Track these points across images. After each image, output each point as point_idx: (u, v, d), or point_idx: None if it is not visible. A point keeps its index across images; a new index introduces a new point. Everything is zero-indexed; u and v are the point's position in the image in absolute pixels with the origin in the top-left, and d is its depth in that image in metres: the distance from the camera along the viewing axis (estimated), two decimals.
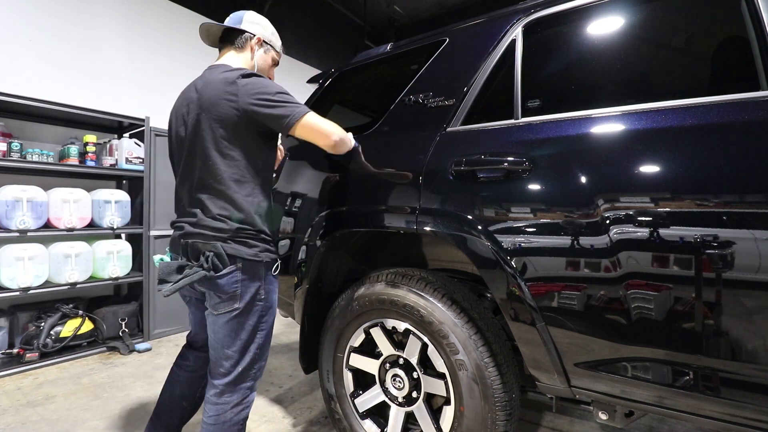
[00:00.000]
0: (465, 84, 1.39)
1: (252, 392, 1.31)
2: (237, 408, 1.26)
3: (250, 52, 1.40)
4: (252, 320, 1.26)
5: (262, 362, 1.32)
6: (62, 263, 2.69)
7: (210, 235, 1.22)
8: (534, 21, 1.32)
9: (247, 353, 1.27)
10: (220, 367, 1.27)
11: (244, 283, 1.23)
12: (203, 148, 1.23)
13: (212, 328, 1.28)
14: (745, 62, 0.99)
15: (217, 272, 1.19)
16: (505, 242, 1.16)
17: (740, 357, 0.90)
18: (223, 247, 1.20)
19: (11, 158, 2.57)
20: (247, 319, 1.25)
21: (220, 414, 1.25)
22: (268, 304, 1.30)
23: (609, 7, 1.20)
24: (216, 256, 1.19)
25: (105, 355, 2.84)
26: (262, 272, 1.27)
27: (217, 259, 1.19)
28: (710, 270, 0.90)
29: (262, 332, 1.29)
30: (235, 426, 1.27)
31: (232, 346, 1.25)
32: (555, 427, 1.90)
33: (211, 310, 1.26)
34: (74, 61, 3.26)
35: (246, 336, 1.26)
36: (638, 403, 1.05)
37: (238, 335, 1.25)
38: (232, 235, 1.22)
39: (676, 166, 0.96)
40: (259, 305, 1.27)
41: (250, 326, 1.26)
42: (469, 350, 1.25)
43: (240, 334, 1.25)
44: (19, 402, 2.13)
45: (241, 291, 1.23)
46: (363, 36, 6.16)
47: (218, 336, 1.26)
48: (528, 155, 1.17)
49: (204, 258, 1.20)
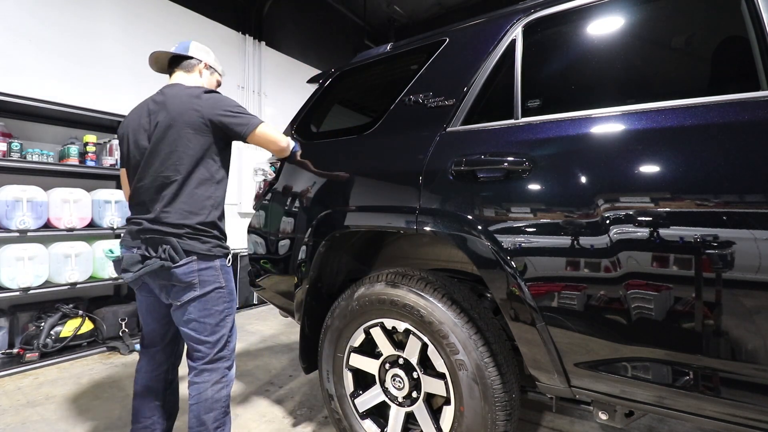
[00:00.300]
0: (465, 84, 1.39)
1: (230, 371, 1.45)
2: (217, 386, 1.39)
3: (199, 75, 1.58)
4: (218, 306, 1.40)
5: (233, 344, 1.48)
6: (62, 263, 2.70)
7: (167, 232, 1.34)
8: (534, 21, 1.32)
9: (220, 337, 1.41)
10: (197, 352, 1.40)
11: (201, 272, 1.36)
12: (171, 152, 1.36)
13: (180, 321, 1.40)
14: (745, 62, 0.99)
15: (174, 263, 1.32)
16: (505, 242, 1.15)
17: (740, 357, 0.90)
18: (179, 243, 1.33)
19: (11, 158, 2.57)
20: (213, 305, 1.39)
21: (201, 392, 1.38)
22: (228, 290, 1.44)
23: (609, 7, 1.20)
24: (172, 249, 1.32)
25: (105, 355, 2.84)
26: (216, 263, 1.41)
27: (174, 251, 1.32)
28: (710, 270, 0.90)
29: (229, 317, 1.44)
30: (217, 403, 1.39)
31: (203, 332, 1.38)
32: (555, 427, 1.90)
33: (174, 301, 1.38)
34: (74, 62, 3.26)
35: (214, 321, 1.40)
36: (638, 403, 1.05)
37: (207, 321, 1.38)
38: (187, 232, 1.35)
39: (676, 166, 0.96)
40: (221, 292, 1.41)
41: (217, 311, 1.40)
42: (469, 350, 1.25)
43: (209, 320, 1.39)
44: (19, 402, 2.13)
45: (200, 279, 1.36)
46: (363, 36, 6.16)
47: (189, 326, 1.38)
48: (528, 155, 1.17)
49: (162, 250, 1.32)
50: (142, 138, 1.41)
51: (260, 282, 1.97)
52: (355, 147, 1.67)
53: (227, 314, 1.43)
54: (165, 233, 1.34)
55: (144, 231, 1.36)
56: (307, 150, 1.86)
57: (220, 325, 1.41)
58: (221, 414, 1.40)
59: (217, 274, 1.40)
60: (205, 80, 1.60)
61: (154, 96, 1.48)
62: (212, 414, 1.37)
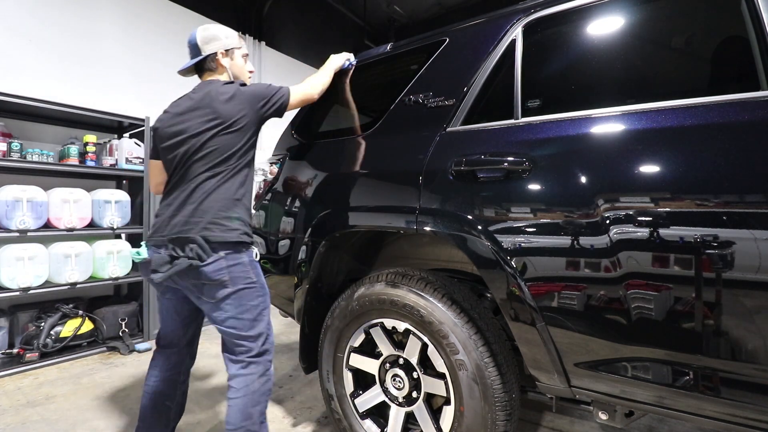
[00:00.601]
0: (465, 84, 1.39)
1: (271, 365, 1.44)
2: (263, 378, 1.39)
3: (222, 68, 1.52)
4: (254, 300, 1.38)
5: (272, 337, 1.46)
6: (62, 263, 2.69)
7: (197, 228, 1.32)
8: (534, 21, 1.32)
9: (261, 331, 1.39)
10: (240, 347, 1.38)
11: (230, 269, 1.33)
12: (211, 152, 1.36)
13: (218, 320, 1.37)
14: (745, 62, 0.99)
15: (203, 261, 1.29)
16: (505, 242, 1.16)
17: (740, 357, 0.90)
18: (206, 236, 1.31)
19: (11, 158, 2.57)
20: (249, 300, 1.37)
21: (249, 384, 1.36)
22: (260, 284, 1.41)
23: (609, 7, 1.20)
24: (199, 247, 1.30)
25: (105, 355, 2.84)
26: (244, 258, 1.37)
27: (201, 250, 1.30)
28: (710, 270, 0.90)
29: (265, 310, 1.42)
30: (263, 396, 1.39)
31: (243, 329, 1.36)
32: (555, 427, 1.90)
33: (208, 299, 1.35)
34: (74, 62, 3.26)
35: (252, 316, 1.37)
36: (638, 403, 1.05)
37: (245, 316, 1.36)
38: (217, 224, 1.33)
39: (676, 166, 0.96)
40: (254, 285, 1.39)
41: (253, 306, 1.38)
42: (469, 350, 1.25)
43: (246, 314, 1.36)
44: (19, 402, 2.13)
45: (231, 276, 1.33)
46: (363, 36, 6.16)
47: (228, 323, 1.36)
48: (528, 155, 1.17)
49: (189, 249, 1.30)
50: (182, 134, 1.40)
51: None
52: (355, 147, 1.67)
53: (263, 308, 1.41)
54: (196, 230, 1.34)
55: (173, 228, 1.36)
56: (308, 150, 1.86)
57: (257, 320, 1.39)
58: (265, 408, 1.40)
59: (246, 270, 1.37)
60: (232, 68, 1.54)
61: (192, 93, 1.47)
62: (258, 408, 1.36)
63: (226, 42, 1.51)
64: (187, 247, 1.30)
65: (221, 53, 1.50)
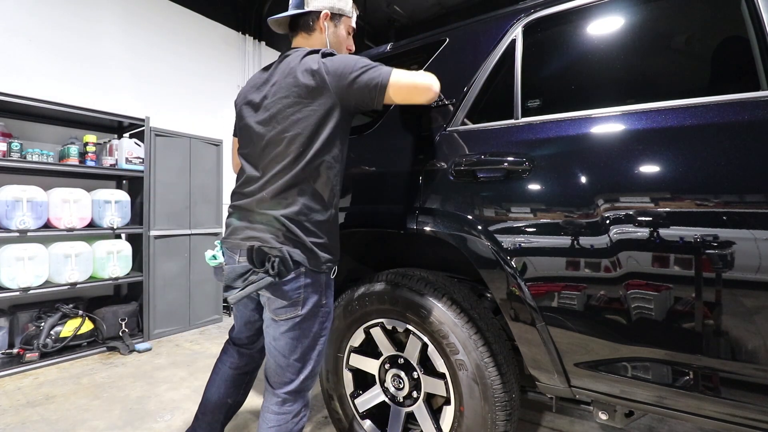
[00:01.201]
0: (465, 84, 1.39)
1: (309, 399, 1.26)
2: (298, 417, 1.21)
3: (320, 32, 1.28)
4: (315, 327, 1.20)
5: (318, 368, 1.26)
6: (62, 263, 2.69)
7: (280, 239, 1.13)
8: (534, 21, 1.32)
9: (309, 361, 1.21)
10: (282, 377, 1.20)
11: (307, 288, 1.16)
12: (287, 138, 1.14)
13: (273, 335, 1.20)
14: (745, 62, 0.99)
15: (282, 278, 1.11)
16: (505, 242, 1.16)
17: (740, 357, 0.90)
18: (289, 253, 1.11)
19: (11, 158, 2.57)
20: (311, 325, 1.19)
21: (282, 425, 1.19)
22: (328, 309, 1.23)
23: (609, 7, 1.20)
24: (281, 262, 1.10)
25: (105, 355, 2.84)
26: (323, 277, 1.20)
27: (283, 265, 1.11)
28: (710, 270, 0.90)
29: (323, 338, 1.23)
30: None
31: (293, 354, 1.18)
32: (555, 427, 1.90)
33: (273, 315, 1.18)
34: (74, 61, 3.26)
35: (308, 343, 1.19)
36: (638, 403, 1.05)
37: (300, 342, 1.18)
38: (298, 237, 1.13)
39: (676, 166, 0.96)
40: (322, 311, 1.21)
41: (313, 333, 1.20)
42: (469, 350, 1.25)
43: (303, 341, 1.18)
44: (19, 402, 2.13)
45: (304, 297, 1.16)
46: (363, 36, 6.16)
47: (279, 344, 1.19)
48: (528, 155, 1.17)
49: (269, 264, 1.10)
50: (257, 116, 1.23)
51: None
52: (355, 147, 1.67)
53: (323, 334, 1.22)
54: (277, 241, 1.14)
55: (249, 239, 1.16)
56: None
57: (312, 347, 1.20)
58: None
59: (322, 290, 1.19)
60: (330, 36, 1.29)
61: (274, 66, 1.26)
62: None
63: (338, 4, 1.28)
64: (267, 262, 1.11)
65: (326, 14, 1.27)
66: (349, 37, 1.37)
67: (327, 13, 1.27)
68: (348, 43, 1.36)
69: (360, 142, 1.65)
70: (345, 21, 1.32)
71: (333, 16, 1.29)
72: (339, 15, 1.30)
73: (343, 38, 1.33)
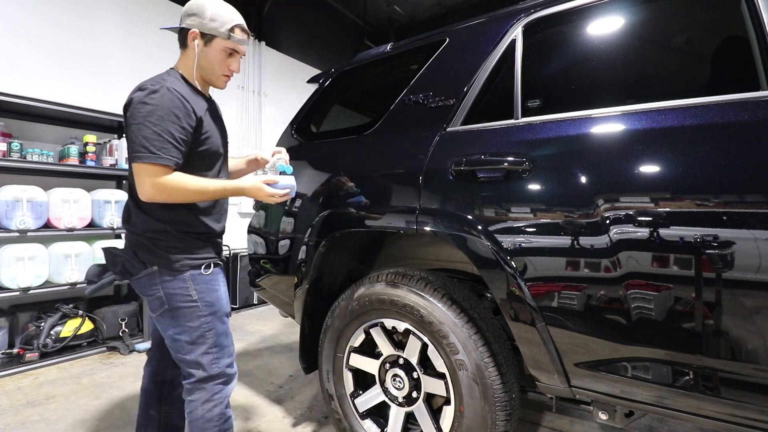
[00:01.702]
0: (465, 84, 1.39)
1: (224, 387, 1.30)
2: (207, 405, 1.26)
3: (191, 50, 1.25)
4: (193, 322, 1.24)
5: (226, 359, 1.30)
6: (62, 263, 2.69)
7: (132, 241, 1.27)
8: (534, 21, 1.32)
9: (201, 354, 1.25)
10: (183, 370, 1.29)
11: (165, 285, 1.23)
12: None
13: (162, 334, 1.29)
14: (745, 62, 0.99)
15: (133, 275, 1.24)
16: (505, 242, 1.15)
17: (740, 357, 0.89)
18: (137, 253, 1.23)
19: (11, 158, 2.57)
20: (187, 320, 1.24)
21: (192, 411, 1.27)
22: (206, 304, 1.26)
23: (609, 7, 1.20)
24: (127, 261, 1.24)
25: (105, 355, 2.84)
26: (185, 274, 1.24)
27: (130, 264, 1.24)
28: (710, 270, 0.90)
29: (209, 332, 1.26)
30: (209, 423, 1.27)
31: (179, 350, 1.25)
32: (555, 427, 1.90)
33: (151, 313, 1.28)
34: (74, 62, 3.26)
35: (190, 338, 1.24)
36: (638, 403, 1.05)
37: (180, 338, 1.24)
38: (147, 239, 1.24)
39: (676, 166, 0.96)
40: (196, 307, 1.24)
41: (191, 328, 1.24)
42: (469, 350, 1.25)
43: (182, 336, 1.24)
44: (19, 402, 2.13)
45: (165, 293, 1.23)
46: (363, 36, 6.16)
47: (168, 341, 1.28)
48: (528, 155, 1.17)
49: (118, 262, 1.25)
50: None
51: (260, 282, 1.97)
52: (355, 147, 1.67)
53: (206, 330, 1.25)
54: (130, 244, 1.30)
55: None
56: (308, 150, 1.86)
57: (197, 343, 1.24)
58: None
59: (185, 285, 1.23)
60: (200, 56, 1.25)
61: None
62: None
63: (209, 24, 1.22)
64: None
65: (194, 33, 1.23)
66: (230, 58, 1.28)
67: (195, 32, 1.23)
68: (227, 65, 1.29)
69: (360, 142, 1.65)
70: (218, 42, 1.25)
71: (203, 35, 1.23)
72: (210, 35, 1.24)
73: (217, 59, 1.26)
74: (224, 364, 1.29)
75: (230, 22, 1.24)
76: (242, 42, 1.28)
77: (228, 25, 1.24)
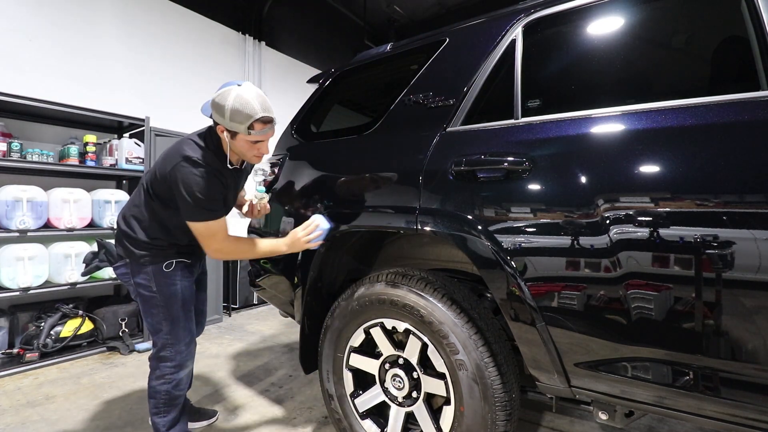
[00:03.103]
0: (465, 84, 1.39)
1: (177, 372, 1.56)
2: (158, 380, 1.55)
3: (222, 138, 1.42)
4: (154, 309, 1.51)
5: (178, 346, 1.55)
6: (62, 263, 2.69)
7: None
8: (534, 21, 1.32)
9: (159, 337, 1.54)
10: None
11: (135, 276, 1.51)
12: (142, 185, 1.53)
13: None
14: (745, 62, 0.99)
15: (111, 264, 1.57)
16: (505, 242, 1.15)
17: (740, 357, 0.89)
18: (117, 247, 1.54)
19: (11, 158, 2.57)
20: (149, 307, 1.52)
21: (149, 377, 1.58)
22: (163, 296, 1.50)
23: (609, 7, 1.20)
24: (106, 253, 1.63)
25: (105, 355, 2.84)
26: (148, 268, 1.49)
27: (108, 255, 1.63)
28: (710, 270, 0.90)
29: (166, 321, 1.52)
30: (157, 394, 1.55)
31: (149, 328, 1.56)
32: (555, 427, 1.90)
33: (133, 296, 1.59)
34: (74, 62, 3.26)
35: (152, 321, 1.53)
36: (638, 403, 1.05)
37: (146, 320, 1.55)
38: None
39: (676, 166, 0.96)
40: (155, 297, 1.50)
41: (152, 314, 1.52)
42: (469, 350, 1.25)
43: (147, 318, 1.54)
44: (19, 402, 2.13)
45: (134, 281, 1.51)
46: (363, 36, 6.16)
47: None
48: (528, 155, 1.17)
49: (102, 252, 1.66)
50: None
51: (260, 282, 1.97)
52: (355, 147, 1.67)
53: (163, 318, 1.51)
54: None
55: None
56: (308, 150, 1.86)
57: (156, 328, 1.53)
58: (161, 404, 1.56)
59: (146, 278, 1.50)
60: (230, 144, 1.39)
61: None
62: (152, 401, 1.57)
63: (230, 124, 1.33)
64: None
65: (221, 128, 1.38)
66: (256, 145, 1.40)
67: (221, 127, 1.37)
68: (255, 149, 1.41)
69: (360, 142, 1.65)
70: (241, 136, 1.36)
71: (227, 130, 1.36)
72: (233, 131, 1.36)
73: (244, 147, 1.40)
74: (176, 350, 1.55)
75: (248, 120, 1.31)
76: (264, 132, 1.36)
77: (247, 122, 1.31)
